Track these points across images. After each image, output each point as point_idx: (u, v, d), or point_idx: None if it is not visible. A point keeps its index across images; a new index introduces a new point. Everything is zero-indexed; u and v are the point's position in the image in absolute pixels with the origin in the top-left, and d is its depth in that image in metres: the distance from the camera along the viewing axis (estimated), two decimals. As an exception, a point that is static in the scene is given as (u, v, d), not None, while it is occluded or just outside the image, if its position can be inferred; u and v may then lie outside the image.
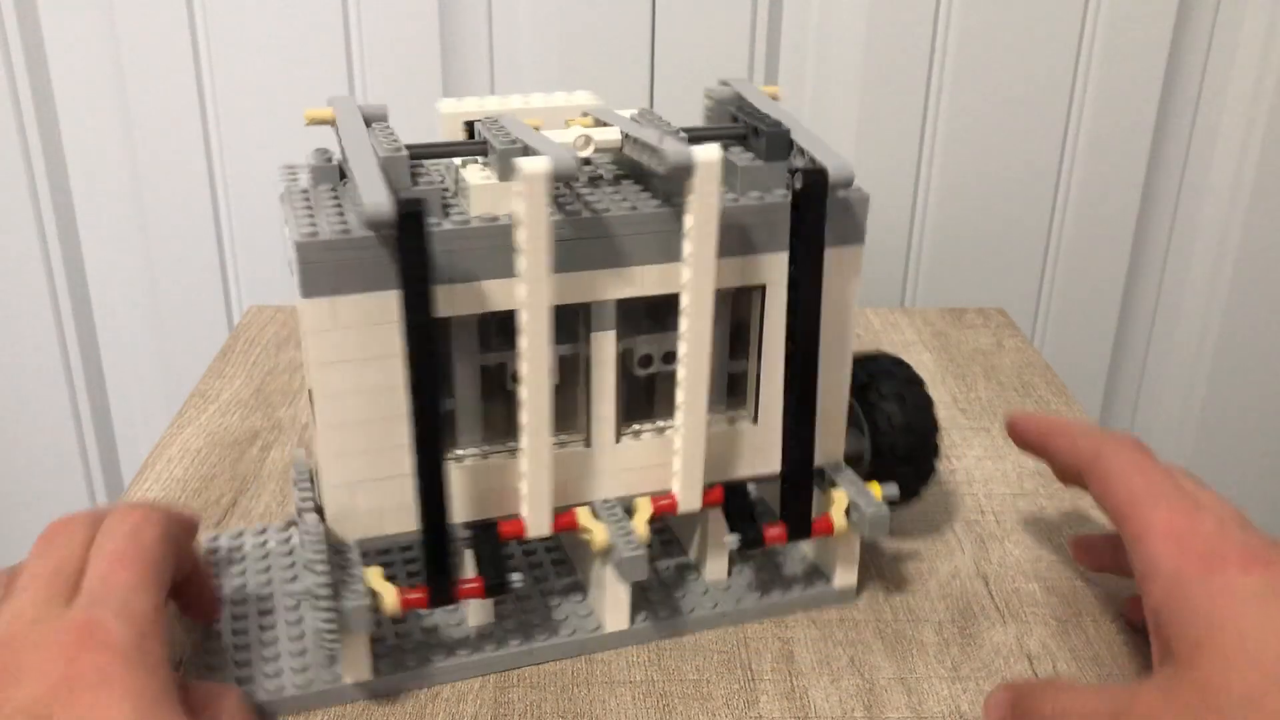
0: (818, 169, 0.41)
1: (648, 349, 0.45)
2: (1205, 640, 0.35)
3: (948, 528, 0.55)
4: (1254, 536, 0.38)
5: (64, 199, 0.83)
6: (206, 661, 0.44)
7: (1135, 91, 0.81)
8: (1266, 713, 0.32)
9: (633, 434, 0.46)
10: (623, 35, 0.78)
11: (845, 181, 0.42)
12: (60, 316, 0.85)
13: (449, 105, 0.47)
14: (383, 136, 0.41)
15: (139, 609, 0.36)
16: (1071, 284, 0.87)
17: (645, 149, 0.41)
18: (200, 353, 0.83)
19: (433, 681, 0.44)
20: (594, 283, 0.42)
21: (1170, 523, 0.39)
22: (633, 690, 0.44)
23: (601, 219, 0.41)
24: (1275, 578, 0.36)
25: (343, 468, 0.41)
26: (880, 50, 0.79)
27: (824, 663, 0.46)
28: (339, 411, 0.40)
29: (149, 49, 0.78)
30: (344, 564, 0.41)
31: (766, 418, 0.47)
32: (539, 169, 0.37)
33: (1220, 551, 0.37)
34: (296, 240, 0.38)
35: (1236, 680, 0.33)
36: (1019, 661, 0.46)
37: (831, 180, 0.41)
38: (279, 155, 0.78)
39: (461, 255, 0.40)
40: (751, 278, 0.44)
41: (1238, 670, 0.34)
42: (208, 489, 0.57)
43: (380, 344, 0.40)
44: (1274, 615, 0.34)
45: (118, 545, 0.38)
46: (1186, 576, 0.37)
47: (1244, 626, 0.34)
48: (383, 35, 0.78)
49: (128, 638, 0.35)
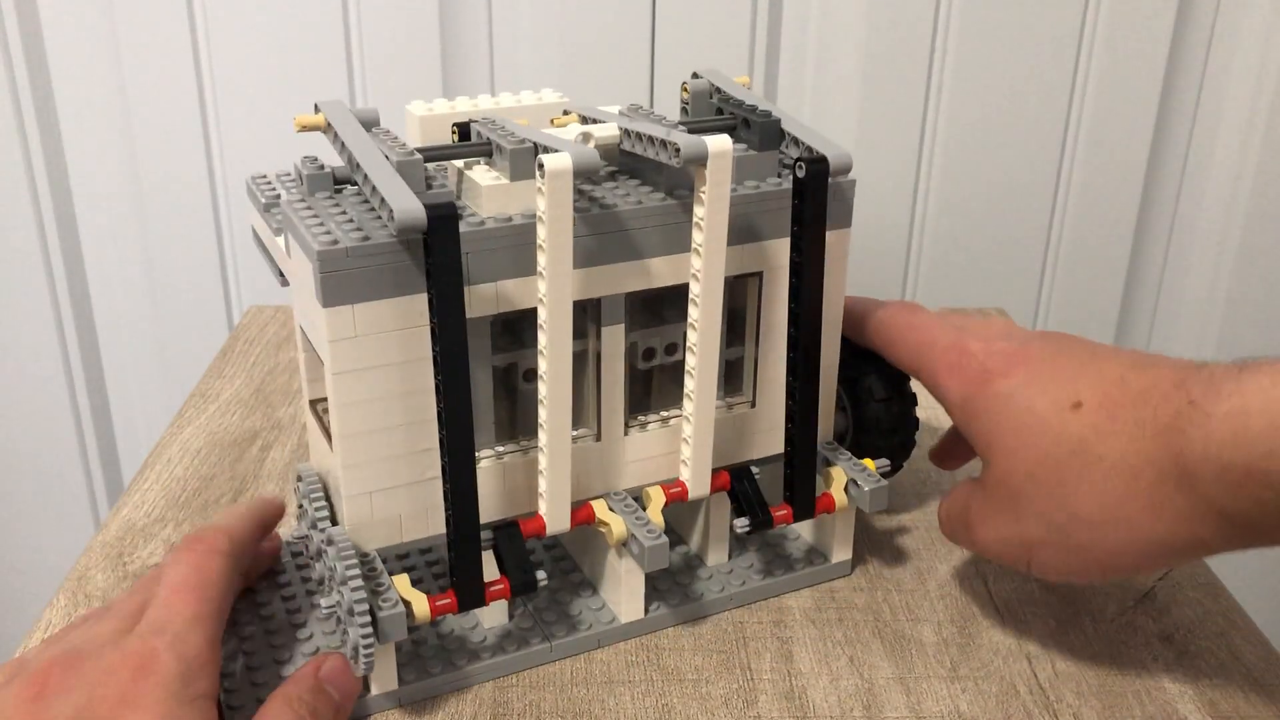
0: (820, 157, 0.42)
1: (650, 342, 0.46)
2: (993, 442, 0.42)
3: (947, 528, 0.55)
4: (1013, 342, 0.44)
5: (64, 199, 0.83)
6: (223, 684, 0.43)
7: (1135, 92, 0.81)
8: (1040, 481, 0.40)
9: (639, 426, 0.46)
10: (623, 35, 0.78)
11: (844, 169, 0.43)
12: (60, 316, 0.85)
13: (418, 108, 0.47)
14: (389, 141, 0.41)
15: (192, 644, 0.38)
16: (1071, 284, 0.87)
17: (653, 143, 0.41)
18: (200, 353, 0.83)
19: (459, 686, 0.44)
20: (606, 277, 0.42)
21: (946, 358, 0.45)
22: (632, 690, 0.44)
23: (612, 214, 0.41)
24: (1030, 370, 0.42)
25: (362, 477, 0.41)
26: (880, 50, 0.79)
27: (823, 663, 0.46)
28: (358, 420, 0.40)
29: (149, 49, 0.78)
30: (370, 574, 0.41)
31: (765, 402, 0.47)
32: (562, 165, 0.37)
33: (988, 367, 0.43)
34: (319, 250, 0.37)
35: (1019, 464, 0.41)
36: (1018, 661, 0.46)
37: (832, 168, 0.43)
38: (279, 155, 0.78)
39: (477, 257, 0.40)
40: (750, 265, 0.45)
41: (1018, 456, 0.41)
42: (208, 489, 0.57)
43: (401, 350, 0.40)
44: (1035, 402, 0.41)
45: (182, 575, 0.40)
46: (970, 396, 0.43)
47: (1015, 421, 0.41)
48: (382, 35, 0.78)
49: (175, 670, 0.37)
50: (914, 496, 0.57)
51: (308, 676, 0.41)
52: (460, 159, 0.42)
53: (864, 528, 0.54)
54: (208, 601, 0.40)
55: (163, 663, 0.37)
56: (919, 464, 0.59)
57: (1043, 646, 0.47)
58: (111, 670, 0.37)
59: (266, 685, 0.43)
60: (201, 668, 0.38)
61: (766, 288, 0.45)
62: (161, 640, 0.38)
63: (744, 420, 0.47)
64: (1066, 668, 0.46)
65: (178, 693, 0.36)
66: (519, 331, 0.43)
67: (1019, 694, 0.44)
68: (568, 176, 0.37)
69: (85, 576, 0.51)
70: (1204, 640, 0.47)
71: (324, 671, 0.41)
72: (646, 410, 0.47)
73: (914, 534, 0.54)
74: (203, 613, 0.39)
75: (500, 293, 0.40)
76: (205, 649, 0.38)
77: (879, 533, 0.54)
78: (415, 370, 0.40)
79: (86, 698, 0.36)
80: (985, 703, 0.44)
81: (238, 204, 0.83)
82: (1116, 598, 0.50)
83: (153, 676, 0.36)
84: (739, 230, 0.43)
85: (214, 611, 0.40)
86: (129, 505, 0.56)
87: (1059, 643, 0.47)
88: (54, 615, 0.48)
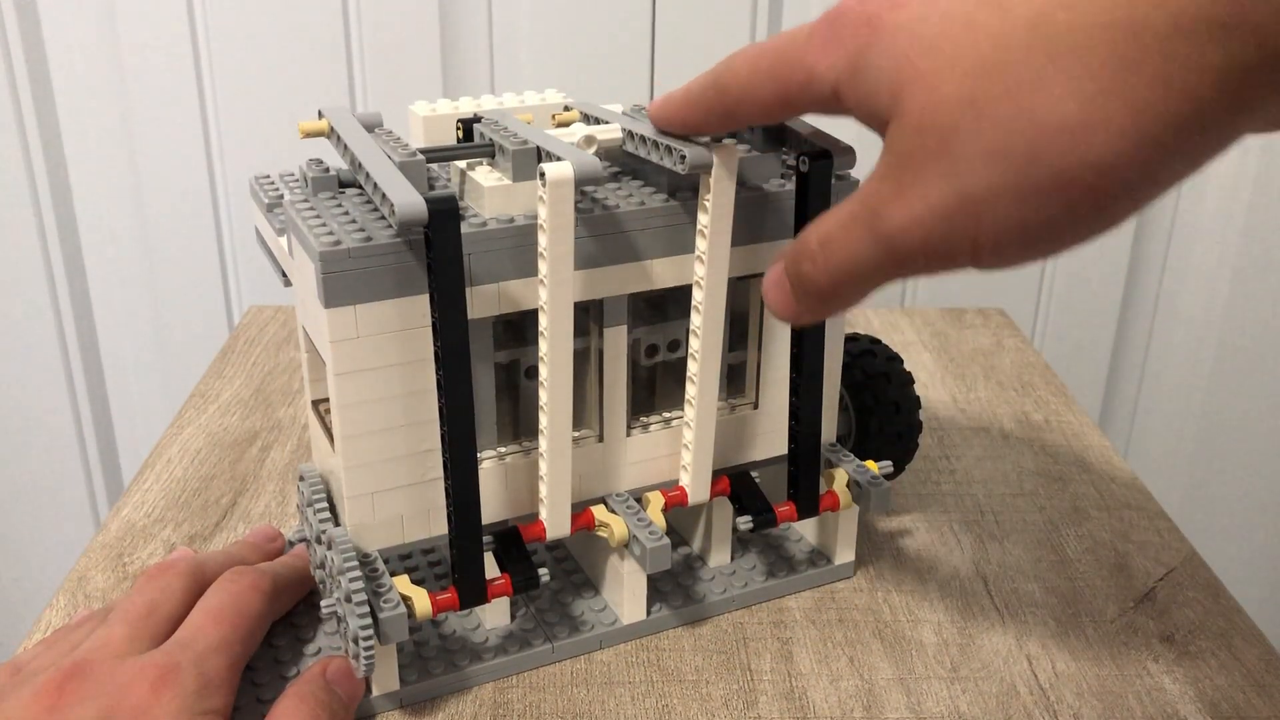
0: (822, 151, 0.42)
1: (653, 339, 0.46)
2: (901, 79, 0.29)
3: (947, 528, 0.55)
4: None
5: (64, 199, 0.83)
6: None
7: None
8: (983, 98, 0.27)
9: (641, 427, 0.46)
10: (623, 35, 0.78)
11: (848, 165, 0.44)
12: (60, 317, 0.85)
13: (421, 108, 0.47)
14: (391, 141, 0.41)
15: (214, 665, 0.39)
16: (1071, 284, 0.87)
17: (657, 148, 0.41)
18: (200, 353, 0.83)
19: (460, 687, 0.44)
20: (608, 279, 0.42)
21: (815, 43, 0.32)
22: (631, 690, 0.44)
23: (614, 215, 0.41)
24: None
25: (364, 478, 0.41)
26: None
27: (823, 663, 0.46)
28: (360, 421, 0.40)
29: (149, 48, 0.78)
30: (371, 575, 0.41)
31: (768, 403, 0.47)
32: (564, 174, 0.37)
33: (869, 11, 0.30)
34: (321, 250, 0.37)
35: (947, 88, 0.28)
36: (1018, 662, 0.46)
37: (836, 163, 0.43)
38: (279, 154, 0.78)
39: (479, 258, 0.40)
40: (754, 266, 0.45)
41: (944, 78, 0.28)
42: (208, 489, 0.57)
43: (403, 351, 0.40)
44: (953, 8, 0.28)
45: (221, 603, 0.42)
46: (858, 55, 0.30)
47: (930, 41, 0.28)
48: (382, 35, 0.78)
49: (193, 686, 0.38)
50: (914, 497, 0.57)
51: (316, 676, 0.41)
52: (463, 160, 0.43)
53: (864, 528, 0.54)
54: (236, 629, 0.41)
55: (183, 677, 0.38)
56: (919, 464, 0.59)
57: (1043, 647, 0.47)
58: (131, 682, 0.37)
59: (268, 686, 0.43)
60: (219, 687, 0.39)
61: None
62: (185, 656, 0.39)
63: (747, 421, 0.47)
64: (1066, 668, 0.46)
65: (192, 706, 0.37)
66: (521, 329, 0.43)
67: (1019, 694, 0.44)
68: (569, 186, 0.38)
69: (85, 577, 0.51)
70: (1204, 640, 0.47)
71: (330, 673, 0.41)
72: (649, 411, 0.47)
73: (914, 535, 0.54)
74: (230, 639, 0.40)
75: (503, 293, 0.40)
76: (225, 670, 0.39)
77: (879, 533, 0.54)
78: (418, 371, 0.40)
79: (105, 708, 0.36)
80: (985, 703, 0.44)
81: (238, 204, 0.83)
82: (1116, 598, 0.50)
83: (171, 689, 0.37)
84: (742, 231, 0.43)
85: (241, 639, 0.41)
86: (129, 505, 0.56)
87: (1059, 643, 0.47)
88: (54, 616, 0.48)
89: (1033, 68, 0.27)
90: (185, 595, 0.42)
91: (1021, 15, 0.27)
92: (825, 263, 0.32)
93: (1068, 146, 0.27)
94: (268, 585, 0.43)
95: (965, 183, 0.28)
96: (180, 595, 0.42)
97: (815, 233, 0.32)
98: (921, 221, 0.29)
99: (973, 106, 0.27)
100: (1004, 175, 0.27)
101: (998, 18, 0.27)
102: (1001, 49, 0.27)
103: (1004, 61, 0.27)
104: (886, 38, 0.29)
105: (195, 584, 0.43)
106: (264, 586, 0.43)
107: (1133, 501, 0.57)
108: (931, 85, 0.28)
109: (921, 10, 0.29)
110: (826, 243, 0.32)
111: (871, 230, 0.30)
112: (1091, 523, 0.55)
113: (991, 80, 0.27)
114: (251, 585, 0.43)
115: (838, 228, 0.31)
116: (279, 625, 0.46)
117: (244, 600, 0.42)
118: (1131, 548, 0.53)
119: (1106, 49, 0.26)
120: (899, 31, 0.29)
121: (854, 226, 0.31)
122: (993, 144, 0.27)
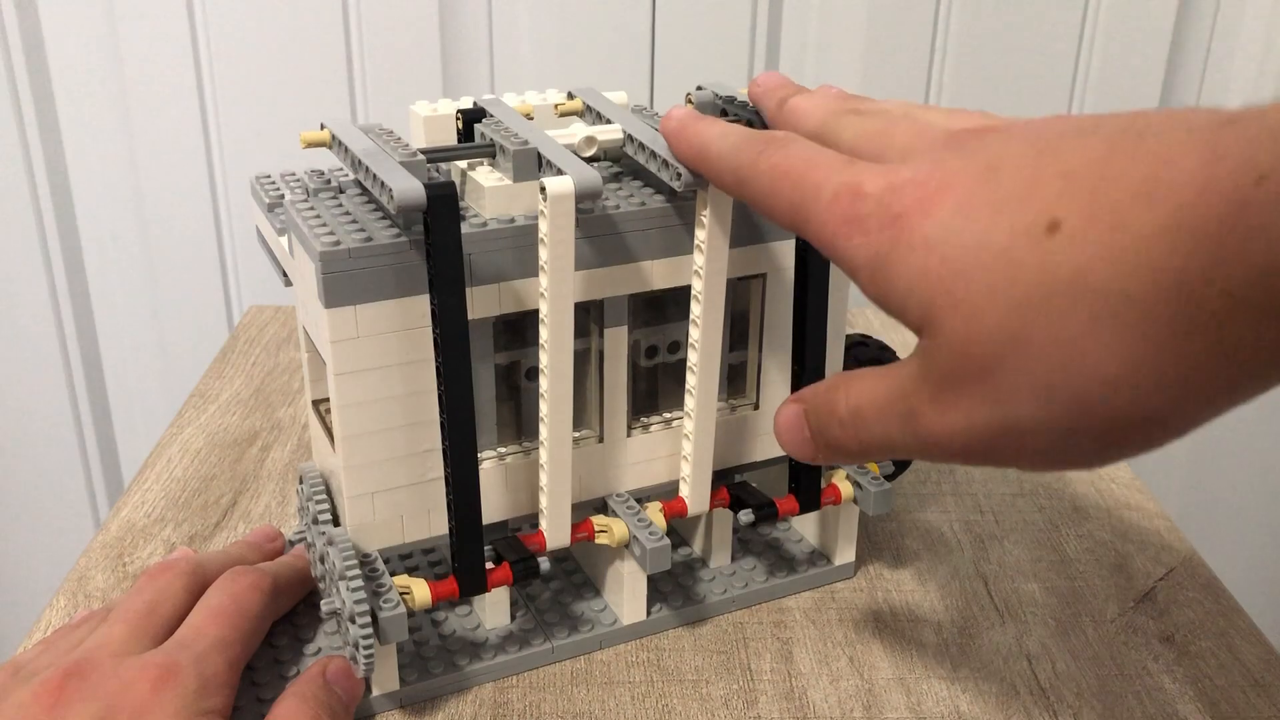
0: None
1: (653, 340, 0.46)
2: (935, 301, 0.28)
3: (948, 528, 0.55)
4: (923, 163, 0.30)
5: (64, 199, 0.83)
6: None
7: (1135, 91, 0.81)
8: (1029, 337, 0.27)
9: (641, 427, 0.46)
10: (623, 35, 0.78)
11: None
12: (60, 316, 0.85)
13: (422, 108, 0.47)
14: (392, 142, 0.41)
15: (212, 663, 0.39)
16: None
17: (655, 158, 0.41)
18: (200, 353, 0.83)
19: (460, 687, 0.44)
20: (608, 280, 0.42)
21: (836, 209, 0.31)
22: (631, 690, 0.44)
23: (614, 216, 0.41)
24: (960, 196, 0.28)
25: (364, 478, 0.41)
26: (880, 50, 0.79)
27: (823, 663, 0.46)
28: (361, 421, 0.40)
29: (149, 49, 0.78)
30: (371, 575, 0.41)
31: (769, 403, 0.47)
32: (565, 189, 0.37)
33: (895, 210, 0.29)
34: (321, 250, 0.37)
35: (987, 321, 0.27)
36: (1018, 662, 0.46)
37: None
38: (280, 154, 0.78)
39: (480, 257, 0.40)
40: (754, 267, 0.45)
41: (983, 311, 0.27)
42: (208, 489, 0.57)
43: (404, 351, 0.40)
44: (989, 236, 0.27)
45: (221, 602, 0.42)
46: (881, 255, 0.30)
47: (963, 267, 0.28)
48: (382, 36, 0.78)
49: (194, 685, 0.38)
50: (914, 497, 0.57)
51: (316, 676, 0.41)
52: (463, 160, 0.43)
53: (863, 528, 0.54)
54: (237, 629, 0.41)
55: (183, 677, 0.38)
56: (919, 463, 0.59)
57: (1043, 647, 0.47)
58: (132, 681, 0.37)
59: (268, 686, 0.43)
60: (219, 687, 0.39)
61: (770, 289, 0.45)
62: (185, 655, 0.39)
63: (747, 422, 0.47)
64: (1066, 668, 0.46)
65: (192, 706, 0.37)
66: (521, 329, 0.43)
67: (1019, 694, 0.44)
68: (570, 200, 0.38)
69: (85, 576, 0.51)
70: (1204, 640, 0.47)
71: (330, 673, 0.41)
72: (649, 411, 0.47)
73: (914, 535, 0.54)
74: (230, 638, 0.41)
75: (503, 293, 0.40)
76: (225, 670, 0.40)
77: (879, 533, 0.54)
78: (418, 371, 0.40)
79: (105, 707, 0.36)
80: (985, 703, 0.44)
81: (238, 204, 0.83)
82: (1117, 598, 0.50)
83: (172, 689, 0.37)
84: (741, 233, 0.43)
85: (241, 639, 0.41)
86: (129, 505, 0.56)
87: (1059, 643, 0.47)
88: (54, 615, 0.48)
89: (1079, 322, 0.26)
90: (185, 595, 0.42)
91: (1063, 263, 0.26)
92: (856, 434, 0.32)
93: (1116, 399, 0.26)
94: (268, 585, 0.44)
95: (1010, 412, 0.28)
96: (180, 595, 0.42)
97: (845, 399, 0.32)
98: (963, 436, 0.29)
99: (1016, 343, 0.27)
100: (1050, 412, 0.27)
101: (1037, 259, 0.27)
102: (1045, 296, 0.26)
103: (1048, 308, 0.26)
104: (914, 251, 0.29)
105: (195, 584, 0.43)
106: (264, 586, 0.43)
107: (1133, 501, 0.57)
108: (970, 314, 0.28)
109: (952, 223, 0.28)
110: (858, 416, 0.32)
111: (908, 425, 0.30)
112: (1091, 523, 0.55)
113: (1036, 323, 0.27)
114: (252, 585, 0.43)
115: (871, 407, 0.31)
116: (279, 625, 0.46)
117: (244, 600, 0.42)
118: (1131, 548, 0.53)
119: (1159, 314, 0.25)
120: (928, 248, 0.29)
121: (889, 414, 0.31)
122: (1040, 382, 0.27)
